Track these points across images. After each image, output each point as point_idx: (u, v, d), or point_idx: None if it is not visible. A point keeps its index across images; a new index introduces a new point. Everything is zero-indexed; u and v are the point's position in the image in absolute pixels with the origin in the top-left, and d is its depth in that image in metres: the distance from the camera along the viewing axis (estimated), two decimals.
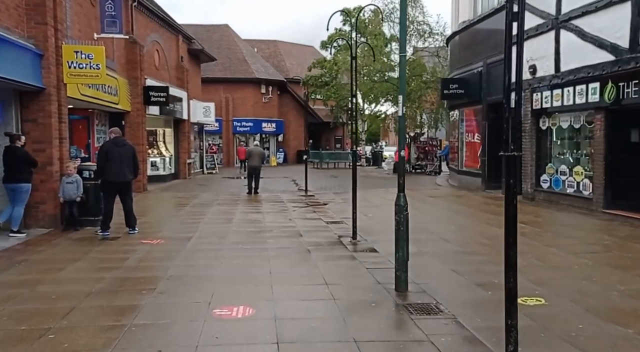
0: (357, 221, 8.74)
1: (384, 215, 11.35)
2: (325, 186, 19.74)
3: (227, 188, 18.94)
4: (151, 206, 13.99)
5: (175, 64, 21.83)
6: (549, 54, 11.98)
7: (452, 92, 16.65)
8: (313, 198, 15.56)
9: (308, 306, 5.20)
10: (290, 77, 38.85)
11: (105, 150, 8.97)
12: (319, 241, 8.64)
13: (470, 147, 17.27)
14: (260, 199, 15.45)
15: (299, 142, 39.96)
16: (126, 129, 16.48)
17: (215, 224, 10.48)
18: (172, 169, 21.69)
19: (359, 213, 12.42)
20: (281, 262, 7.09)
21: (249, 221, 11.01)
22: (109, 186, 9.05)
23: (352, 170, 8.94)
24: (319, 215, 11.90)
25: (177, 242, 8.53)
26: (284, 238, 9.01)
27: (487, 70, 15.54)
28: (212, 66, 34.38)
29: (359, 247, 8.15)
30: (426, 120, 26.51)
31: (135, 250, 7.84)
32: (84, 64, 10.03)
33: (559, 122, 12.23)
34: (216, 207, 13.31)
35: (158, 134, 21.35)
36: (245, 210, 12.81)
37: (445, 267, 6.71)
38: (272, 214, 12.12)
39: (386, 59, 30.49)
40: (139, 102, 16.67)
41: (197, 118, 24.21)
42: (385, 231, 9.64)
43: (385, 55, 30.48)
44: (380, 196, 15.81)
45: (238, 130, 35.85)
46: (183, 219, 11.25)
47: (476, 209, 12.39)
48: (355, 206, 8.73)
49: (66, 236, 9.06)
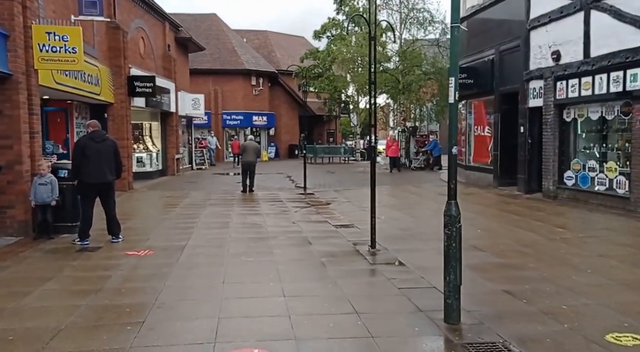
0: (375, 227, 7.56)
1: (398, 217, 10.22)
2: (323, 182, 18.57)
3: (219, 185, 17.69)
4: (137, 207, 12.72)
5: (161, 53, 20.46)
6: (576, 38, 10.90)
7: (460, 81, 15.47)
8: (313, 197, 14.39)
9: (341, 348, 4.04)
10: (280, 68, 37.52)
11: (81, 147, 7.71)
12: (332, 251, 7.48)
13: (479, 141, 16.19)
14: (256, 198, 14.25)
15: (291, 136, 38.71)
16: (109, 123, 15.16)
17: (210, 230, 9.28)
18: (160, 165, 20.37)
19: (368, 214, 11.33)
20: (294, 280, 5.93)
21: (249, 225, 9.81)
22: (87, 188, 7.79)
23: (371, 166, 7.75)
24: (324, 217, 10.75)
25: (167, 253, 7.33)
26: (291, 247, 7.84)
27: (500, 58, 14.44)
28: (200, 57, 32.92)
29: (380, 259, 7.01)
30: (427, 112, 25.38)
31: (119, 265, 6.62)
32: (57, 47, 8.72)
33: (587, 113, 11.16)
34: (210, 208, 12.09)
35: (144, 127, 20.00)
36: (243, 211, 11.61)
37: (495, 287, 5.59)
38: (272, 216, 10.94)
39: (382, 49, 29.27)
40: (123, 93, 15.34)
41: (185, 111, 22.86)
42: (405, 238, 8.54)
43: (381, 44, 29.22)
44: (387, 195, 14.67)
45: (228, 124, 34.49)
46: (174, 223, 10.02)
47: (497, 208, 11.30)
48: (374, 210, 7.56)
49: (38, 246, 7.80)
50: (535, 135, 12.89)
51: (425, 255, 7.24)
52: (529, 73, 12.72)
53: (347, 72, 29.79)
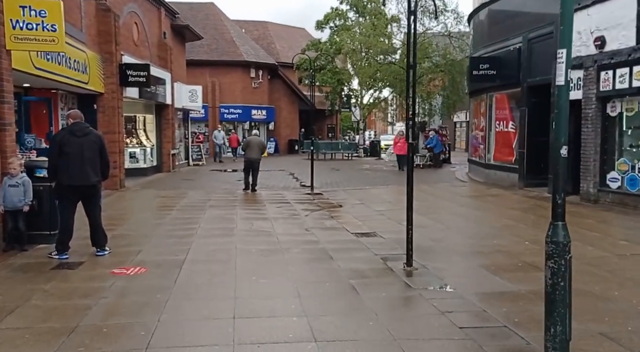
0: (412, 240, 6.30)
1: (424, 224, 8.96)
2: (329, 181, 17.31)
3: (218, 183, 16.39)
4: (129, 209, 11.43)
5: (157, 41, 19.08)
6: (626, 22, 9.65)
7: (482, 73, 14.28)
8: (322, 198, 13.13)
9: None
10: (280, 60, 36.14)
11: (59, 142, 6.42)
12: (360, 269, 6.23)
13: (501, 137, 14.95)
14: (261, 198, 12.98)
15: (291, 130, 37.38)
16: (99, 115, 13.84)
17: (212, 239, 8.00)
18: (154, 161, 19.04)
19: (388, 219, 10.15)
20: (323, 313, 4.69)
21: (256, 232, 8.55)
22: (66, 191, 6.51)
23: (408, 166, 6.45)
24: (339, 222, 9.49)
25: (162, 271, 6.06)
26: (310, 263, 6.59)
27: (529, 47, 13.18)
28: (197, 48, 31.52)
29: (421, 281, 5.76)
30: (437, 106, 24.02)
31: (103, 289, 5.35)
32: (34, 24, 7.41)
33: (638, 107, 9.93)
34: (210, 210, 10.80)
35: (138, 120, 18.65)
36: (247, 215, 10.34)
37: (585, 327, 4.33)
38: (281, 221, 9.68)
39: (387, 41, 28.03)
40: (114, 83, 13.99)
41: (182, 103, 21.50)
42: (440, 251, 7.28)
43: (387, 36, 27.99)
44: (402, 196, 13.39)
45: (225, 117, 33.09)
46: (169, 230, 8.73)
47: (534, 214, 10.05)
48: (410, 218, 6.29)
49: (6, 260, 6.50)
50: (571, 131, 11.64)
51: (474, 275, 6.01)
52: None
53: (353, 63, 28.50)
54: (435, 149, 22.20)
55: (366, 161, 28.17)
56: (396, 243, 7.69)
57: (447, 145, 24.48)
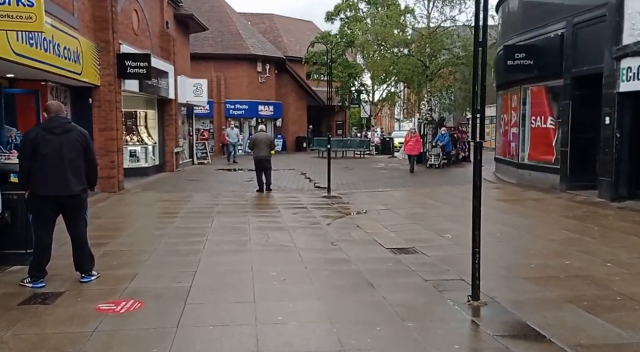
0: (480, 267, 4.93)
1: (467, 235, 7.61)
2: (345, 181, 15.96)
3: (226, 185, 15.05)
4: (126, 216, 10.10)
5: (159, 31, 17.74)
6: None
7: (517, 63, 12.88)
8: (341, 201, 11.80)
9: None
10: (288, 54, 34.77)
11: (32, 141, 5.10)
12: (412, 302, 4.90)
13: (538, 134, 13.55)
14: (273, 202, 11.66)
15: (299, 127, 36.02)
16: (94, 110, 12.54)
17: (223, 256, 6.69)
18: (157, 160, 17.73)
19: (424, 230, 8.76)
20: None
21: (273, 247, 7.23)
22: (42, 203, 5.19)
23: (475, 171, 5.07)
24: (368, 233, 8.16)
25: (162, 306, 4.75)
26: (346, 293, 5.25)
27: (574, 33, 11.77)
28: (201, 41, 30.20)
29: (497, 323, 4.42)
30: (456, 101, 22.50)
31: (83, 337, 4.04)
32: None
33: None
34: (218, 217, 9.49)
35: (139, 116, 17.34)
36: (261, 223, 9.02)
37: None
38: (300, 231, 8.37)
39: (401, 33, 26.58)
40: (112, 75, 12.68)
41: (186, 98, 20.17)
42: (502, 273, 5.90)
43: (401, 27, 26.54)
44: (430, 199, 12.07)
45: (231, 113, 31.72)
46: (172, 244, 7.41)
47: (598, 224, 8.60)
48: (477, 243, 4.92)
49: None
50: (627, 127, 10.29)
51: (566, 315, 4.62)
52: (621, 49, 10.08)
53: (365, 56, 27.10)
54: (446, 147, 20.61)
55: (379, 159, 26.79)
56: (444, 263, 6.38)
57: (467, 143, 23.04)
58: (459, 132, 22.48)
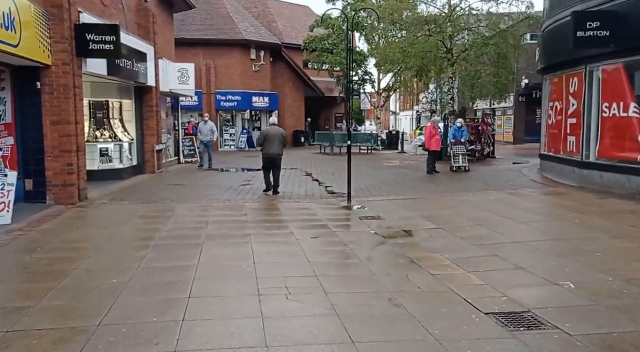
0: None
1: (579, 276, 4.74)
2: (363, 185, 12.97)
3: (217, 190, 12.08)
4: (71, 249, 6.96)
5: (135, 4, 14.71)
6: None
7: (589, 34, 10.08)
8: (369, 215, 8.95)
9: None
10: (284, 41, 31.77)
11: None
12: None
13: (615, 125, 10.74)
14: (282, 217, 8.83)
15: (296, 120, 33.08)
16: (45, 97, 9.59)
17: (217, 340, 3.81)
18: (134, 159, 14.75)
19: (520, 270, 5.70)
20: None
21: (301, 313, 4.36)
22: None
23: None
24: (436, 277, 5.39)
25: None
26: None
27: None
28: (188, 25, 27.20)
29: None
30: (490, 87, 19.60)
31: None
32: None
33: None
34: (208, 248, 6.59)
35: (111, 107, 14.35)
36: (270, 256, 6.16)
37: None
38: (333, 273, 5.56)
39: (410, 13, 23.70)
40: (68, 51, 9.71)
41: (169, 86, 17.16)
42: None
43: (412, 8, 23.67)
44: (494, 212, 9.14)
45: (222, 105, 28.69)
46: (139, 303, 4.52)
47: None
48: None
49: None
50: None
51: None
52: None
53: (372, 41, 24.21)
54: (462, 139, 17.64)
55: (389, 156, 23.99)
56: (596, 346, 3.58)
57: (492, 136, 20.27)
58: (484, 124, 19.64)
